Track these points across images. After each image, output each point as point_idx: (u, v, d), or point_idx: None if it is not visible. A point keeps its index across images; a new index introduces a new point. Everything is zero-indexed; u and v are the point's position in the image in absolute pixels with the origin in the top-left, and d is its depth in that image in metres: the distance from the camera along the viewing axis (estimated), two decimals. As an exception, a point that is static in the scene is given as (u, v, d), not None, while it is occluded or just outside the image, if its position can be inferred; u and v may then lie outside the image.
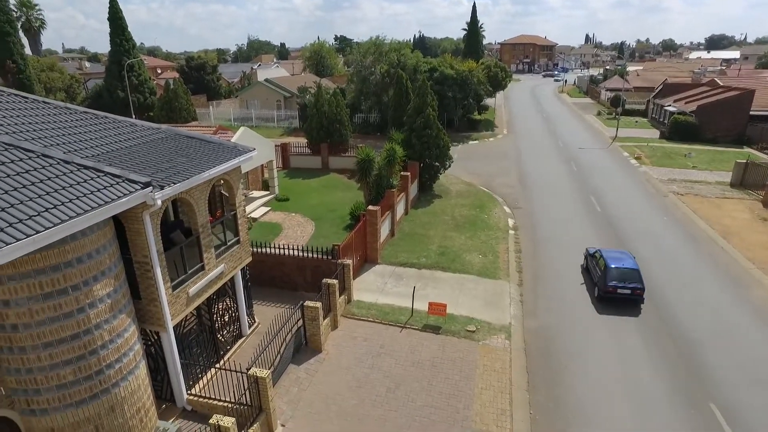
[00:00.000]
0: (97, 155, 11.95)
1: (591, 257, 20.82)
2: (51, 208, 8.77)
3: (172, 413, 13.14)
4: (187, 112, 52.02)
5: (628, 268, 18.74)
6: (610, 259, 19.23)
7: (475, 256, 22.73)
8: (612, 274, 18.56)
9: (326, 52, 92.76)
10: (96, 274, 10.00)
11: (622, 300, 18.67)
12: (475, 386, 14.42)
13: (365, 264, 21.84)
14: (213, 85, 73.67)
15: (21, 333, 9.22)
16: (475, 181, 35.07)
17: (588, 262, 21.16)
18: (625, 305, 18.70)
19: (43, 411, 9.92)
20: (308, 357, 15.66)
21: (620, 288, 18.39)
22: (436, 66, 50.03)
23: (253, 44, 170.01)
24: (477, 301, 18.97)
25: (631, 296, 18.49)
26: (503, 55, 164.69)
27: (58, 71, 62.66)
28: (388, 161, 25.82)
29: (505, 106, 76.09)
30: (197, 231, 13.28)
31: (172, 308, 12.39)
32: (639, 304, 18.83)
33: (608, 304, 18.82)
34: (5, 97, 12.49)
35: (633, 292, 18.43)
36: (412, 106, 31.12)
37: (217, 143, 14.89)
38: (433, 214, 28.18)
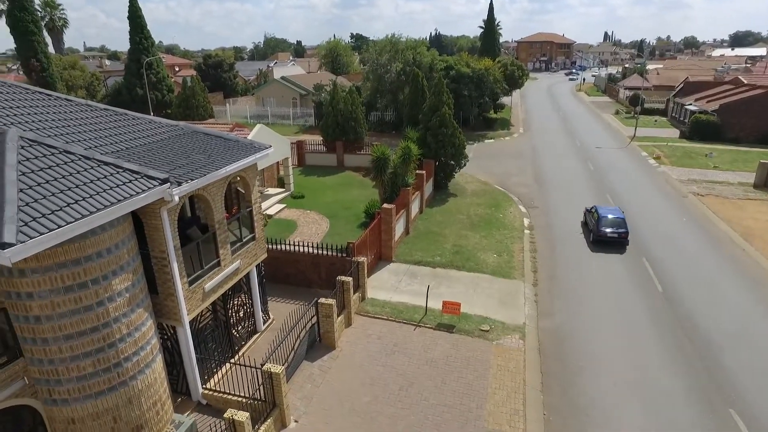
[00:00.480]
0: (116, 151, 12.14)
1: (588, 212, 25.75)
2: (72, 204, 8.94)
3: (187, 407, 13.33)
4: (204, 109, 52.58)
5: (617, 217, 23.80)
6: (602, 210, 24.46)
7: (490, 256, 22.62)
8: (601, 220, 23.75)
9: (342, 49, 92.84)
10: (115, 268, 10.17)
11: (611, 242, 23.46)
12: (489, 386, 14.37)
13: (379, 262, 21.87)
14: (230, 83, 74.32)
15: (43, 324, 9.43)
16: (491, 180, 34.87)
17: (586, 217, 26.03)
18: (614, 245, 23.44)
19: (64, 401, 10.15)
20: (322, 354, 15.75)
21: (611, 233, 23.17)
22: (452, 64, 49.78)
23: (269, 42, 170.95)
24: (491, 301, 18.89)
25: (618, 239, 23.42)
26: (520, 53, 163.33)
27: (79, 69, 63.77)
28: (404, 159, 25.80)
29: (521, 104, 75.49)
30: (213, 227, 13.43)
31: (189, 303, 12.55)
32: (625, 245, 23.63)
33: (600, 245, 23.64)
34: (30, 94, 12.76)
35: (620, 236, 23.40)
36: (427, 105, 31.04)
37: (234, 140, 15.02)
38: (448, 212, 28.10)
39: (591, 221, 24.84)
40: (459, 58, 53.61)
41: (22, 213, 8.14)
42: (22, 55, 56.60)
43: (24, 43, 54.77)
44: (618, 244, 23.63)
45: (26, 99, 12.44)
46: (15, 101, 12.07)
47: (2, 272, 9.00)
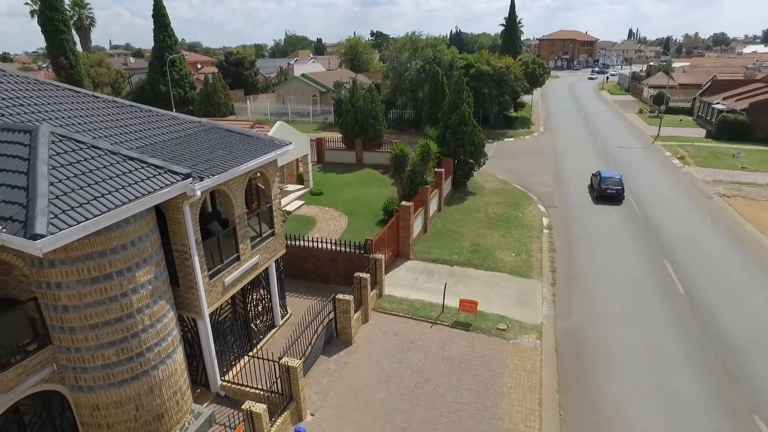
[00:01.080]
0: (141, 147, 12.45)
1: (593, 176, 32.27)
2: (99, 197, 9.21)
3: (206, 398, 13.60)
4: (225, 106, 53.23)
5: (613, 177, 30.56)
6: (604, 173, 31.22)
7: (508, 255, 22.51)
8: (603, 180, 30.27)
9: (362, 47, 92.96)
10: (138, 261, 10.44)
11: (609, 197, 29.88)
12: (504, 385, 14.34)
13: (397, 259, 21.94)
14: (250, 80, 75.05)
15: (71, 314, 9.75)
16: (510, 179, 34.64)
17: (592, 180, 32.45)
18: (612, 200, 29.84)
19: (90, 388, 10.48)
20: (339, 349, 15.90)
21: (609, 190, 29.82)
22: (473, 62, 49.48)
23: (290, 39, 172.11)
24: (508, 300, 18.81)
25: (615, 195, 29.84)
26: (542, 51, 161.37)
27: (105, 67, 65.19)
28: (423, 157, 25.81)
29: (542, 103, 74.65)
30: (234, 222, 13.65)
31: (209, 296, 12.79)
32: (621, 199, 30.01)
33: (602, 200, 30.07)
34: (60, 91, 13.14)
35: (617, 192, 29.89)
36: (447, 103, 30.96)
37: (255, 137, 15.23)
38: (467, 211, 28.02)
39: (595, 182, 31.19)
40: (479, 56, 53.26)
41: (52, 205, 8.43)
42: (51, 53, 58.15)
43: (54, 41, 56.28)
44: (616, 198, 30.07)
45: (56, 96, 12.83)
46: (46, 98, 12.46)
47: (33, 263, 9.33)
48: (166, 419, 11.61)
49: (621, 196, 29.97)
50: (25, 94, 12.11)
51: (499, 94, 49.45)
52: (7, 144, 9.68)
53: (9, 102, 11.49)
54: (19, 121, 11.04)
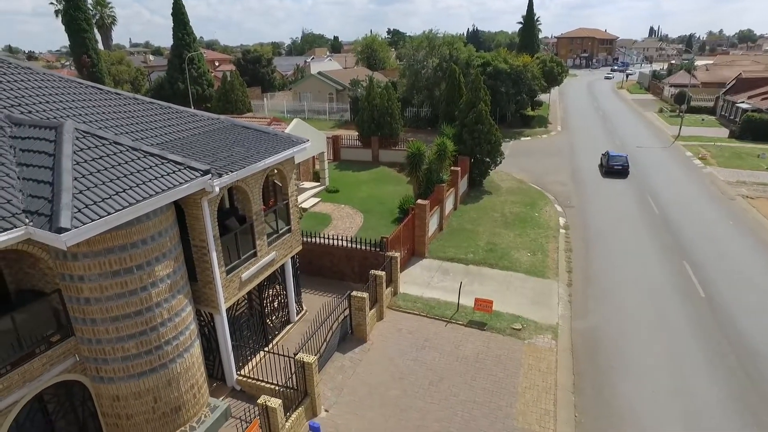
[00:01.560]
0: (161, 143, 12.63)
1: (603, 156, 37.19)
2: (121, 192, 9.38)
3: (222, 392, 13.77)
4: (242, 103, 53.70)
5: (620, 156, 35.95)
6: (611, 152, 36.66)
7: (524, 254, 22.36)
8: (611, 159, 35.57)
9: (378, 45, 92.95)
10: (158, 255, 10.61)
11: (616, 172, 35.01)
12: (519, 385, 14.27)
13: (412, 257, 21.94)
14: (267, 78, 75.58)
15: (92, 306, 9.96)
16: (526, 178, 34.38)
17: (601, 159, 37.48)
18: (619, 174, 35.03)
19: (110, 379, 10.70)
20: (353, 346, 15.97)
21: (615, 166, 34.99)
22: (490, 60, 49.15)
23: (307, 37, 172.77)
24: (524, 300, 18.69)
25: (621, 170, 35.02)
26: (560, 49, 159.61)
27: (125, 64, 66.29)
28: (439, 156, 25.75)
29: (559, 102, 73.91)
30: (251, 218, 13.79)
31: (226, 291, 12.95)
32: (626, 174, 35.08)
33: (609, 174, 35.14)
34: (84, 88, 13.40)
35: (622, 167, 35.02)
36: (464, 101, 30.83)
37: (273, 134, 15.34)
38: (482, 210, 27.89)
39: (604, 160, 36.47)
40: (497, 54, 52.90)
41: (76, 200, 8.61)
42: (74, 52, 59.35)
43: (77, 40, 57.45)
44: (622, 173, 35.10)
45: (80, 93, 13.08)
46: (70, 95, 12.72)
47: (58, 255, 9.55)
48: (183, 412, 11.80)
49: (626, 172, 35.26)
50: (51, 91, 12.37)
51: (516, 93, 49.09)
52: (33, 140, 9.93)
53: (36, 99, 11.75)
54: (45, 117, 11.28)
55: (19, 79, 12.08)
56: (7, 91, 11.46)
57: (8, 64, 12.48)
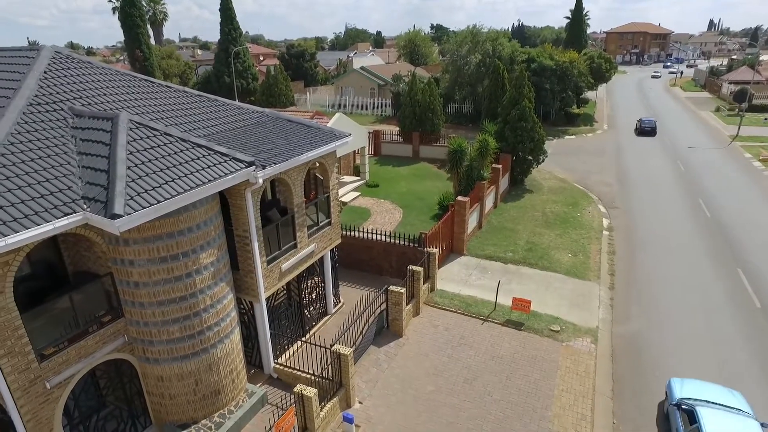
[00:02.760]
0: (208, 135, 13.03)
1: (638, 121, 49.70)
2: (170, 182, 9.75)
3: (259, 378, 14.13)
4: (285, 97, 54.59)
5: (650, 120, 48.65)
6: (644, 118, 49.51)
7: (565, 255, 21.87)
8: (643, 122, 48.32)
9: (421, 40, 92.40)
10: (203, 243, 10.98)
11: (647, 131, 47.66)
12: (555, 387, 14.01)
13: (451, 254, 21.83)
14: (310, 72, 76.46)
15: (141, 290, 10.42)
16: (570, 178, 33.54)
17: (636, 124, 49.97)
18: (649, 134, 47.41)
19: (155, 360, 11.18)
20: (389, 340, 16.06)
21: (646, 127, 47.76)
22: (535, 56, 48.05)
23: (350, 32, 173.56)
24: (563, 301, 18.30)
25: (650, 131, 47.62)
26: (609, 45, 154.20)
27: (175, 59, 68.59)
28: (480, 153, 25.47)
29: (607, 99, 71.56)
30: (292, 210, 14.05)
31: (266, 281, 13.26)
32: (654, 134, 47.37)
33: (641, 134, 47.60)
34: (137, 81, 13.96)
35: (651, 129, 47.65)
36: (507, 98, 30.33)
37: (316, 127, 15.55)
38: (523, 208, 27.42)
39: (638, 124, 49.00)
40: (542, 50, 51.68)
41: (129, 188, 9.02)
42: (128, 47, 61.98)
43: (131, 35, 59.98)
44: (651, 133, 47.64)
45: (134, 86, 13.65)
46: (125, 87, 13.29)
47: (111, 240, 10.03)
48: (222, 395, 12.20)
49: (654, 131, 47.56)
50: (108, 84, 12.96)
51: (561, 90, 47.85)
52: (92, 130, 10.45)
53: (95, 91, 12.35)
54: (102, 109, 11.84)
55: (81, 73, 12.72)
56: (71, 84, 12.09)
57: (72, 59, 13.15)
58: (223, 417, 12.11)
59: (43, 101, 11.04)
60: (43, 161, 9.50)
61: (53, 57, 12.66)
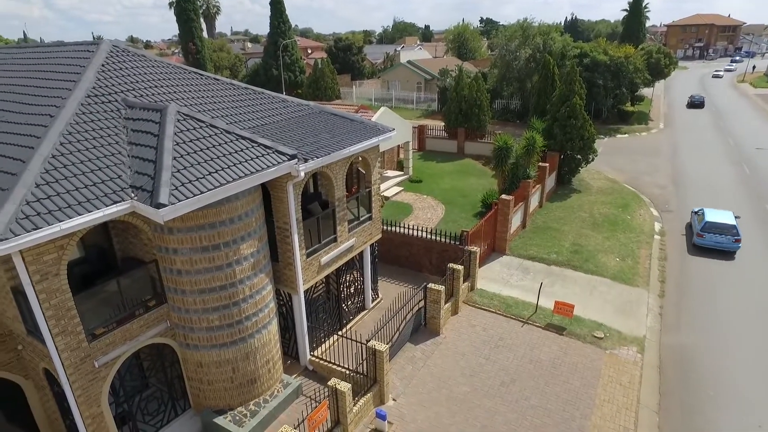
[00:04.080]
0: (252, 127, 13.22)
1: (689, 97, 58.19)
2: (213, 173, 9.94)
3: (295, 370, 14.31)
4: (331, 90, 55.02)
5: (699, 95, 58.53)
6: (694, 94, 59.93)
7: (612, 259, 21.01)
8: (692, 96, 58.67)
9: (469, 34, 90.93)
10: (243, 234, 11.16)
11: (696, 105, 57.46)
12: (597, 396, 13.48)
13: (492, 253, 21.41)
14: (357, 66, 76.73)
15: (183, 278, 10.70)
16: (620, 178, 32.19)
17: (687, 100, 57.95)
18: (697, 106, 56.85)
19: (195, 347, 11.49)
20: (425, 338, 15.91)
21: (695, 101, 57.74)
22: (588, 51, 46.22)
23: (398, 26, 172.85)
24: (608, 307, 17.59)
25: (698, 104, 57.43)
26: (669, 38, 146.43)
27: (225, 51, 70.47)
28: (527, 150, 24.78)
29: (664, 96, 68.16)
30: (333, 204, 14.08)
31: (305, 273, 13.36)
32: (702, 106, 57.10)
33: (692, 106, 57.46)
34: (187, 74, 14.34)
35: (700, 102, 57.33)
36: (557, 94, 29.38)
37: (359, 121, 15.50)
38: (570, 209, 26.55)
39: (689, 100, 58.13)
40: (595, 45, 49.66)
41: (174, 178, 9.25)
42: (182, 40, 64.14)
43: (185, 29, 62.04)
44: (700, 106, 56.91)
45: (184, 78, 14.01)
46: (174, 80, 13.67)
47: (156, 228, 10.34)
48: (258, 384, 12.42)
49: (702, 104, 55.61)
50: (160, 77, 13.36)
51: (614, 87, 45.87)
52: (142, 121, 10.79)
53: (147, 84, 12.76)
54: (153, 100, 12.21)
55: (136, 66, 13.17)
56: (126, 77, 12.54)
57: (128, 53, 13.64)
58: (258, 405, 12.34)
59: (100, 93, 11.49)
60: (97, 150, 9.88)
61: (111, 51, 13.17)
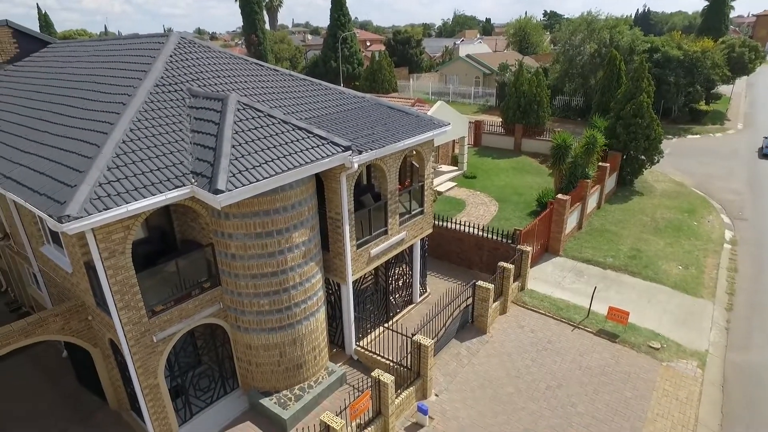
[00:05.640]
0: (309, 118, 13.45)
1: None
2: (269, 161, 10.21)
3: (340, 358, 14.53)
4: (389, 83, 55.01)
5: None
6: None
7: (674, 266, 19.91)
8: None
9: (532, 28, 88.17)
10: (296, 223, 11.41)
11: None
12: (649, 410, 12.87)
13: (545, 254, 20.84)
14: (415, 59, 76.22)
15: (237, 262, 11.10)
16: (688, 182, 30.38)
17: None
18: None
19: (245, 329, 11.91)
20: (471, 336, 15.74)
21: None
22: (659, 45, 43.72)
23: (458, 19, 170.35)
24: (667, 317, 16.72)
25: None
26: (758, 30, 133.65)
27: (286, 43, 72.04)
28: (587, 149, 23.88)
29: (745, 94, 63.40)
30: (386, 197, 14.13)
31: (354, 264, 13.51)
32: None
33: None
34: (248, 65, 14.78)
35: None
36: (622, 91, 28.05)
37: (415, 115, 15.44)
38: (630, 212, 25.36)
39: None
40: (668, 39, 46.90)
41: (232, 165, 9.58)
42: (246, 31, 66.24)
43: (249, 21, 63.97)
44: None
45: (244, 68, 14.45)
46: (237, 70, 14.12)
47: (213, 213, 10.76)
48: (303, 370, 12.72)
49: None
50: (222, 67, 13.85)
51: (687, 84, 43.09)
52: (204, 110, 11.23)
53: (210, 74, 13.25)
54: (215, 90, 12.67)
55: (201, 57, 13.72)
56: (191, 67, 13.09)
57: (194, 44, 14.23)
58: (303, 390, 12.65)
59: (167, 82, 12.05)
60: (162, 137, 10.39)
61: (179, 43, 13.78)
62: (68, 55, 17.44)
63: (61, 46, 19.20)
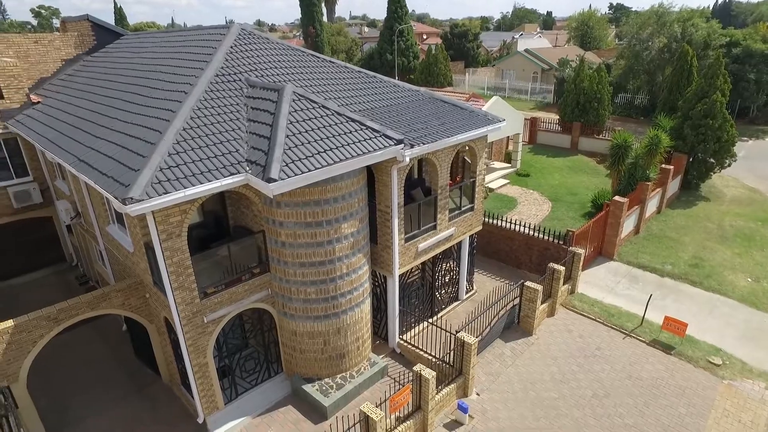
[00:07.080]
0: (362, 110, 13.51)
1: None
2: (322, 152, 10.34)
3: (383, 350, 14.61)
4: (444, 77, 54.43)
5: None
6: None
7: (741, 278, 18.69)
8: None
9: (595, 22, 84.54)
10: (346, 214, 11.51)
11: None
12: (706, 429, 12.17)
13: (598, 257, 20.08)
14: (472, 53, 74.97)
15: (286, 250, 11.34)
16: (763, 187, 28.33)
17: None
18: None
19: (291, 316, 12.18)
20: (517, 337, 15.43)
21: None
22: (739, 39, 40.65)
23: (518, 12, 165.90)
24: (731, 331, 15.73)
25: None
26: None
27: (343, 35, 72.65)
28: (649, 150, 22.73)
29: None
30: (436, 192, 14.02)
31: (401, 258, 13.51)
32: None
33: None
34: (305, 56, 15.00)
35: None
36: (692, 89, 26.43)
37: (469, 110, 15.20)
38: (693, 217, 23.98)
39: None
40: (752, 31, 43.45)
41: (285, 155, 9.77)
42: (303, 23, 67.33)
43: (306, 13, 65.02)
44: None
45: (301, 60, 14.68)
46: (293, 61, 14.37)
47: (265, 201, 11.04)
48: (346, 359, 12.88)
49: None
50: (279, 58, 14.12)
51: (771, 81, 39.85)
52: (261, 100, 11.51)
53: (268, 65, 13.55)
54: (273, 81, 12.94)
55: (259, 48, 14.05)
56: (250, 58, 13.42)
57: (253, 35, 14.59)
58: (345, 379, 12.82)
59: (227, 72, 12.42)
60: (220, 125, 10.72)
61: (239, 34, 14.17)
62: (138, 46, 18.35)
63: (132, 38, 20.24)
